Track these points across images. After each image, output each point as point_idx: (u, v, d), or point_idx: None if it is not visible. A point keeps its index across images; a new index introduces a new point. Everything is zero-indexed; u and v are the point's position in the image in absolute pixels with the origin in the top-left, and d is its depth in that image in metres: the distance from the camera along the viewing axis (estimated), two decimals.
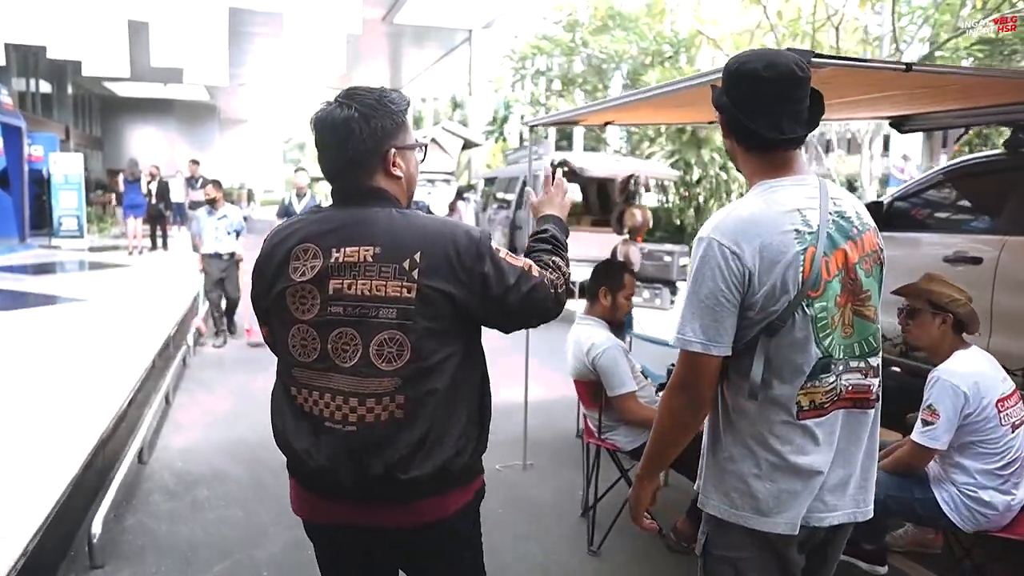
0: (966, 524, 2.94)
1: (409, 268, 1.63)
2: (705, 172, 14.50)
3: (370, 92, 1.73)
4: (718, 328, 1.66)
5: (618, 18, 17.52)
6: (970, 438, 2.91)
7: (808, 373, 1.67)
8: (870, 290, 1.73)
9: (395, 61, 30.29)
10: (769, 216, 1.66)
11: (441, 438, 1.67)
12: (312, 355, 1.68)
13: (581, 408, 3.83)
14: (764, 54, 1.72)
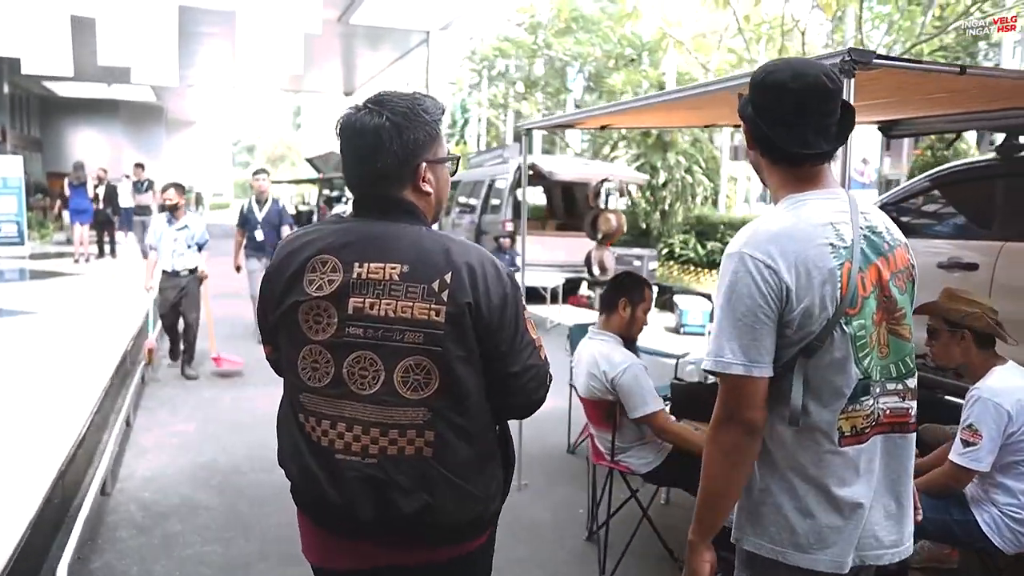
0: (1008, 546, 2.81)
1: (439, 290, 1.51)
2: (671, 175, 14.50)
3: (402, 99, 1.60)
4: (758, 347, 1.55)
5: (581, 20, 17.42)
6: (1013, 458, 2.79)
7: (849, 396, 1.57)
8: (904, 308, 1.65)
9: (349, 63, 29.79)
10: (802, 229, 1.57)
11: (473, 481, 1.56)
12: (324, 380, 1.55)
13: (590, 428, 3.60)
14: (792, 63, 1.63)
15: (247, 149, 63.76)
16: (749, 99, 1.68)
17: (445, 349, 1.50)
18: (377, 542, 1.58)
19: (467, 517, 1.57)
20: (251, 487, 4.49)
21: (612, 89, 16.43)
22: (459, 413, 1.54)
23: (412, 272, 1.52)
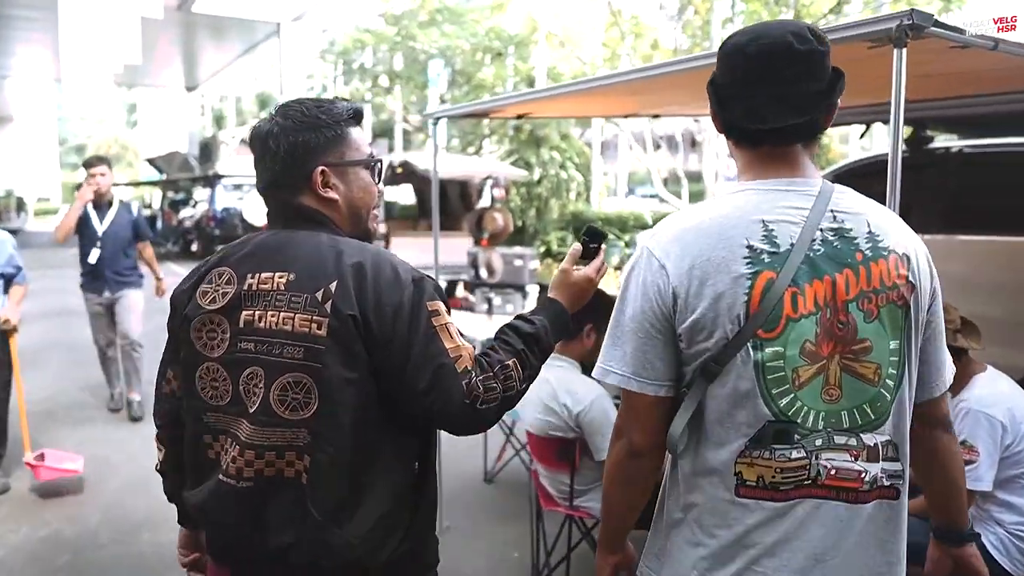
0: (1018, 568, 2.61)
1: (322, 299, 1.38)
2: (545, 171, 14.29)
3: (302, 104, 1.52)
4: (644, 359, 1.33)
5: (446, 12, 16.88)
6: (1013, 471, 2.59)
7: (752, 437, 1.27)
8: (870, 340, 1.28)
9: (191, 55, 27.79)
10: (718, 225, 1.30)
11: (345, 524, 1.38)
12: (225, 398, 1.45)
13: (538, 468, 3.09)
14: (762, 26, 1.34)
15: (75, 149, 58.47)
16: (716, 68, 1.38)
17: (325, 366, 1.36)
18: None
19: (333, 563, 1.38)
20: (114, 565, 3.65)
21: (482, 83, 16.05)
22: (332, 441, 1.37)
23: (297, 281, 1.41)
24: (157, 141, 38.95)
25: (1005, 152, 4.70)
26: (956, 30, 1.88)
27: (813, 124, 1.33)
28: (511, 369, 1.42)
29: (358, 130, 1.56)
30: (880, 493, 1.31)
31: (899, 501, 1.33)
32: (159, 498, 4.25)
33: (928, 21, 1.74)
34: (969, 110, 4.57)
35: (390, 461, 1.43)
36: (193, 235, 20.59)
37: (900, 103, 1.84)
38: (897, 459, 1.32)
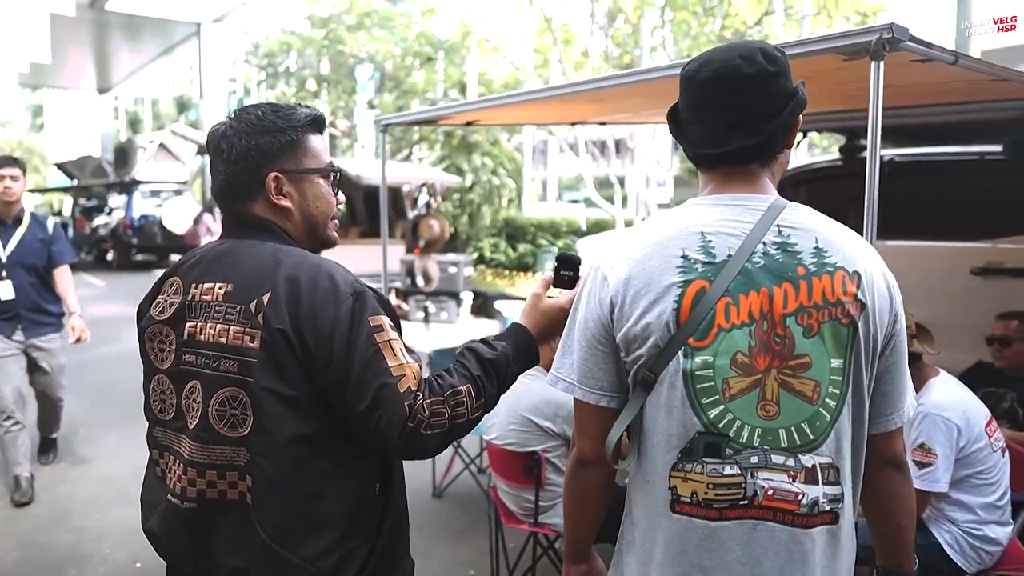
0: (971, 565, 2.69)
1: (255, 311, 1.32)
2: (477, 177, 14.22)
3: (259, 108, 1.46)
4: (588, 368, 1.34)
5: (375, 15, 16.63)
6: (966, 471, 2.66)
7: (682, 449, 1.27)
8: (809, 356, 1.26)
9: (103, 55, 26.62)
10: (657, 237, 1.32)
11: (297, 548, 1.30)
12: (170, 412, 1.42)
13: (499, 484, 3.01)
14: (715, 50, 1.37)
15: None
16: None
17: (256, 380, 1.30)
18: None
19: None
20: None
21: (413, 89, 15.87)
22: (270, 460, 1.30)
23: (235, 291, 1.36)
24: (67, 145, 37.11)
25: (931, 161, 4.91)
26: (926, 44, 1.91)
27: (767, 144, 1.34)
28: (463, 395, 1.35)
29: (317, 137, 1.50)
30: (822, 519, 1.27)
31: (838, 526, 1.29)
32: (84, 531, 4.01)
33: (904, 35, 1.76)
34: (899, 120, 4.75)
35: (343, 482, 1.36)
36: (109, 243, 19.67)
37: (878, 114, 1.86)
38: (838, 483, 1.28)
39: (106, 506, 4.33)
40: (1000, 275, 4.17)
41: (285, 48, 18.27)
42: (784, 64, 1.33)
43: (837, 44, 1.83)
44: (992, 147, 4.49)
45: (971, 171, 4.65)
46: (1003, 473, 2.70)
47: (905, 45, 1.79)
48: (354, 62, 17.50)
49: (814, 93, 2.82)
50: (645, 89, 2.73)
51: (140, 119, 35.57)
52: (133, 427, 5.78)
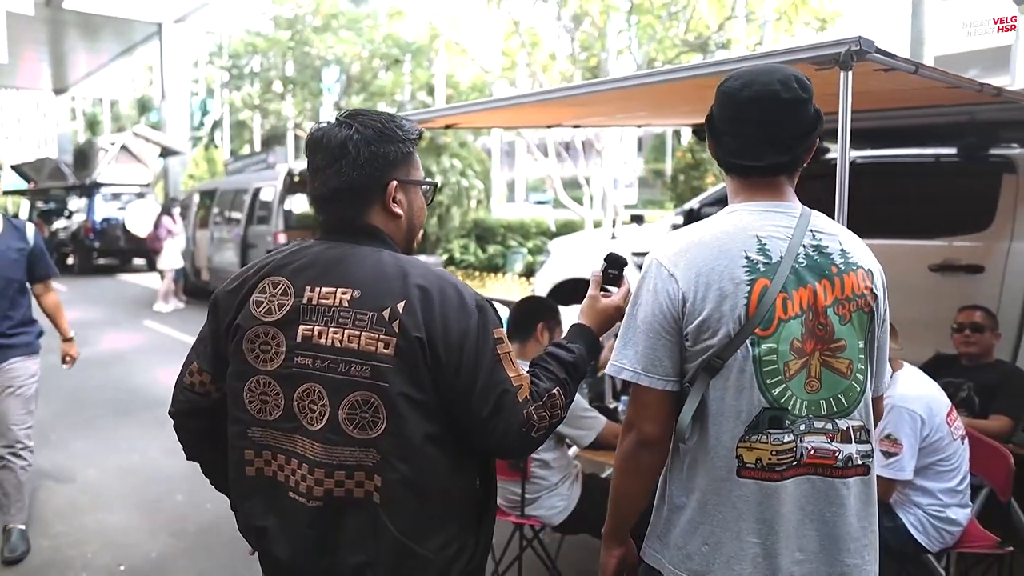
0: (934, 545, 2.85)
1: (389, 318, 1.38)
2: (446, 179, 14.25)
3: (377, 115, 1.53)
4: (654, 357, 1.50)
5: (341, 17, 16.55)
6: (930, 459, 2.82)
7: (749, 423, 1.46)
8: (844, 339, 1.51)
9: (59, 55, 26.10)
10: (719, 240, 1.50)
11: (424, 542, 1.40)
12: (275, 413, 1.45)
13: None
14: (755, 70, 1.54)
15: None
16: (713, 106, 1.59)
17: (391, 385, 1.37)
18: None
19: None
20: None
21: (380, 91, 15.83)
22: (403, 460, 1.38)
23: (363, 298, 1.41)
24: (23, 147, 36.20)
25: (891, 163, 5.10)
26: (889, 55, 2.03)
27: (796, 161, 1.54)
28: (557, 398, 1.49)
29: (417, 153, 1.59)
30: (856, 471, 1.51)
31: (870, 476, 1.54)
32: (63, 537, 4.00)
33: (871, 47, 1.88)
34: (861, 124, 4.94)
35: (457, 481, 1.47)
36: (69, 247, 19.29)
37: (847, 120, 1.97)
38: (868, 441, 1.53)
39: (83, 512, 4.31)
40: (956, 271, 4.35)
41: (250, 49, 18.09)
42: (812, 91, 1.51)
43: (809, 55, 1.96)
44: (947, 150, 4.69)
45: (928, 172, 4.84)
46: (963, 460, 2.85)
47: (871, 56, 1.92)
48: (320, 64, 17.41)
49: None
50: (618, 95, 2.83)
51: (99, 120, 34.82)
52: (103, 432, 5.78)
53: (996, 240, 4.26)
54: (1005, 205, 4.29)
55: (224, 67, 19.88)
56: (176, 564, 3.73)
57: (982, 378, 3.81)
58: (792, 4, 10.77)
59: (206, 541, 3.95)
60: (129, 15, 20.70)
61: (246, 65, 19.16)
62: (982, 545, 2.85)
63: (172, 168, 21.85)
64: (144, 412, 6.41)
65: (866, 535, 1.53)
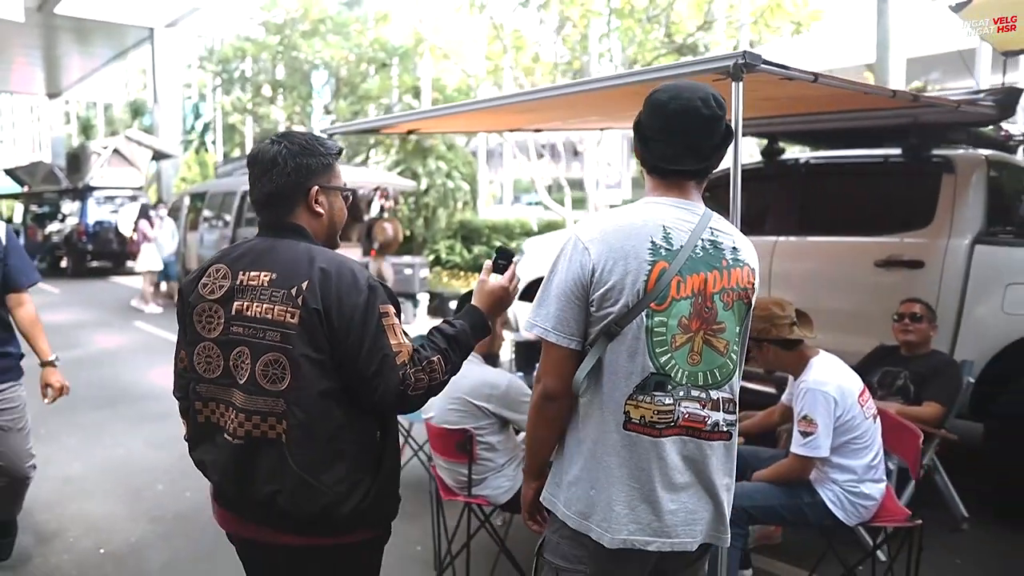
0: (851, 519, 3.03)
1: (295, 294, 1.72)
2: (432, 181, 14.46)
3: (303, 135, 1.89)
4: (563, 318, 1.73)
5: (330, 22, 16.75)
6: (844, 438, 3.01)
7: (638, 384, 1.70)
8: (725, 323, 1.77)
9: (53, 60, 26.23)
10: (631, 223, 1.74)
11: (319, 476, 1.71)
12: (216, 372, 1.80)
13: (436, 461, 3.30)
14: (680, 86, 1.78)
15: None
16: (642, 113, 1.81)
17: (295, 348, 1.69)
18: (245, 517, 1.83)
19: (311, 509, 1.71)
20: None
21: (367, 95, 16.03)
22: (302, 409, 1.70)
23: (279, 279, 1.74)
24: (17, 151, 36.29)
25: (842, 163, 5.32)
26: (781, 67, 2.25)
27: (708, 168, 1.81)
28: (436, 364, 1.77)
29: (338, 165, 1.94)
30: (720, 436, 1.78)
31: (731, 441, 1.82)
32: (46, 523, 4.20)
33: (757, 60, 2.10)
34: (812, 126, 5.16)
35: (354, 431, 1.76)
36: (63, 250, 19.45)
37: (739, 125, 2.19)
38: (734, 412, 1.81)
39: (67, 502, 4.50)
40: (898, 267, 4.57)
41: (239, 54, 18.26)
42: (725, 109, 1.77)
43: (707, 67, 2.18)
44: (894, 150, 4.91)
45: (876, 172, 5.06)
46: (875, 437, 3.05)
47: (761, 68, 2.14)
48: (309, 68, 17.59)
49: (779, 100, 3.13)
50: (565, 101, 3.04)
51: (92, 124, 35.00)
52: (90, 427, 5.98)
53: (936, 237, 4.48)
54: (944, 203, 4.51)
55: (214, 71, 20.02)
56: (154, 547, 3.94)
57: (918, 367, 4.03)
58: (768, 7, 11.00)
59: (184, 527, 4.16)
60: (121, 20, 20.83)
61: (236, 69, 19.31)
62: (895, 518, 3.05)
63: (165, 171, 22.00)
64: (130, 409, 6.61)
65: (729, 488, 1.83)
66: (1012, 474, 4.04)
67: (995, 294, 4.23)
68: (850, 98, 3.24)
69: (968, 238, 4.36)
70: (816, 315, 3.28)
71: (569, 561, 1.80)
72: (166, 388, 7.25)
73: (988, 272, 4.28)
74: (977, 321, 4.29)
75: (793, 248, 5.12)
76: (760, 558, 3.65)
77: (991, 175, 4.57)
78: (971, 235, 4.37)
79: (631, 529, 1.72)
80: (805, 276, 5.03)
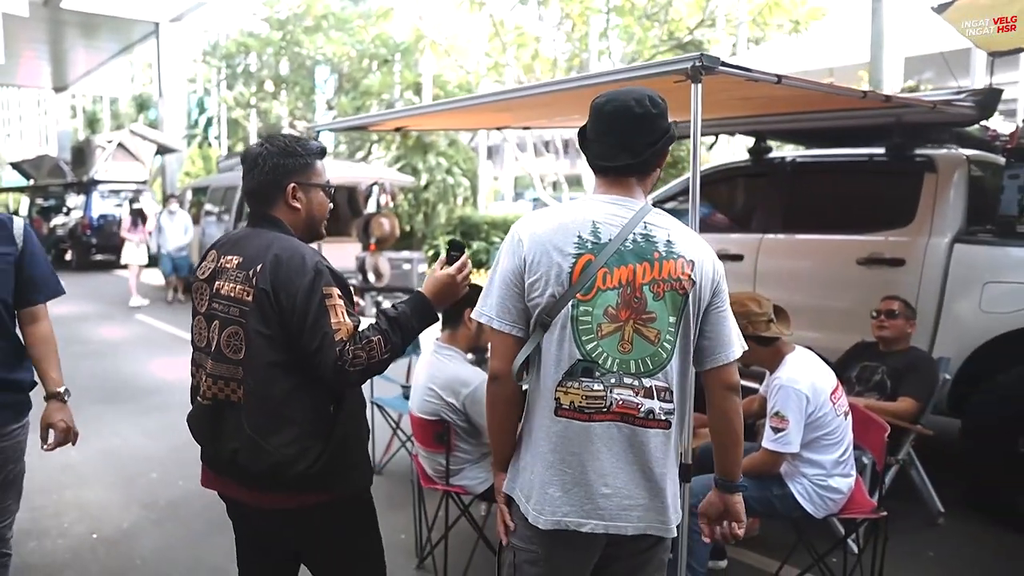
0: (819, 511, 3.10)
1: (251, 276, 1.93)
2: (432, 177, 14.53)
3: (285, 137, 2.10)
4: (503, 306, 1.83)
5: (332, 18, 16.83)
6: (815, 434, 3.07)
7: (566, 371, 1.78)
8: (655, 312, 1.81)
9: (59, 54, 26.35)
10: (560, 218, 1.84)
11: (267, 438, 1.89)
12: (203, 342, 2.04)
13: (418, 450, 3.39)
14: (619, 91, 1.87)
15: None
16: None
17: (248, 323, 1.91)
18: (217, 474, 2.06)
19: (261, 467, 1.90)
20: None
21: (369, 90, 16.11)
22: (254, 378, 1.91)
23: (243, 263, 1.97)
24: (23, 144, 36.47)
25: (827, 162, 5.38)
26: (743, 69, 2.32)
27: (645, 164, 1.87)
28: (374, 344, 1.90)
29: (321, 163, 2.12)
30: (657, 424, 1.82)
31: (671, 430, 1.85)
32: (42, 509, 4.29)
33: (716, 63, 2.17)
34: (799, 124, 5.22)
35: (304, 397, 1.93)
36: (67, 244, 19.61)
37: (698, 126, 2.26)
38: (671, 401, 1.83)
39: (63, 487, 4.62)
40: (880, 265, 4.63)
41: (243, 49, 18.35)
42: (664, 108, 1.84)
43: (666, 69, 2.26)
44: (878, 150, 4.96)
45: (860, 171, 5.12)
46: (845, 434, 3.12)
47: (720, 70, 2.21)
48: (311, 64, 17.68)
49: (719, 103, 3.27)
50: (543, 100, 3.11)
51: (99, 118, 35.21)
52: (89, 418, 6.08)
53: (917, 235, 4.53)
54: (925, 202, 4.57)
55: (216, 66, 20.12)
56: (146, 532, 4.04)
57: (895, 363, 4.09)
58: (766, 5, 11.03)
59: (175, 513, 4.26)
60: (127, 14, 20.94)
61: (239, 64, 19.40)
62: (862, 510, 3.13)
63: (169, 165, 22.13)
64: (129, 400, 6.73)
65: (664, 479, 1.85)
66: (985, 470, 4.11)
67: (973, 292, 4.28)
68: (832, 98, 3.30)
69: (948, 237, 4.42)
70: (800, 312, 3.33)
71: (524, 542, 1.89)
72: (165, 380, 7.46)
73: (967, 271, 4.34)
74: (956, 319, 4.35)
75: (778, 245, 5.18)
76: (735, 549, 3.73)
77: (972, 175, 4.63)
78: (951, 234, 4.42)
79: (564, 511, 1.79)
80: (789, 273, 5.09)
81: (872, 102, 3.20)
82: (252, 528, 2.16)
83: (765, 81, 2.46)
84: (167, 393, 6.98)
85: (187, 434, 2.12)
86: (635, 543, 1.87)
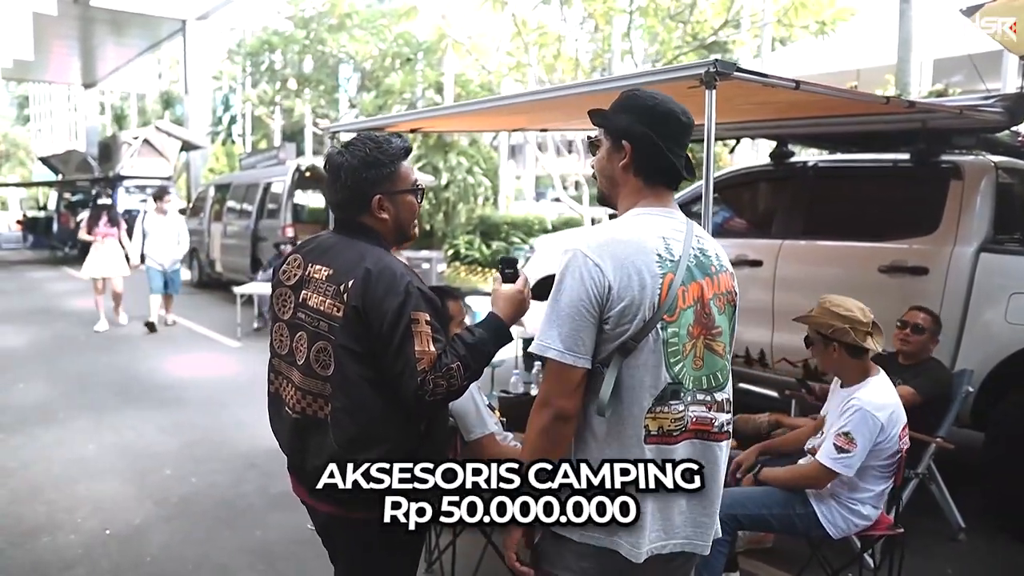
0: (837, 532, 3.00)
1: (342, 290, 1.88)
2: (453, 176, 14.53)
3: (365, 143, 1.98)
4: (577, 338, 1.68)
5: (356, 16, 16.89)
6: (872, 463, 2.94)
7: (657, 396, 1.70)
8: (721, 326, 1.80)
9: (88, 51, 26.72)
10: (636, 237, 1.73)
11: (357, 454, 1.80)
12: (284, 349, 2.01)
13: None
14: (665, 97, 1.81)
15: None
16: (638, 120, 1.77)
17: (337, 339, 1.87)
18: (300, 482, 2.02)
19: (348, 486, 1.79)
20: (10, 569, 3.71)
21: (390, 89, 16.15)
22: (344, 394, 1.88)
23: (334, 275, 1.92)
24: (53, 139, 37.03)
25: (850, 167, 5.28)
26: (759, 74, 2.26)
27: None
28: (455, 371, 1.87)
29: (406, 163, 2.04)
30: (725, 436, 1.82)
31: (729, 440, 1.85)
32: (56, 503, 4.32)
33: (731, 68, 2.12)
34: (823, 129, 5.13)
35: (392, 415, 1.89)
36: None
37: (711, 133, 2.21)
38: (731, 412, 1.84)
39: (77, 481, 4.64)
40: (903, 273, 4.52)
41: (267, 47, 18.48)
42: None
43: (680, 75, 2.20)
44: (903, 155, 4.86)
45: (884, 176, 5.01)
46: (898, 469, 2.98)
47: (735, 76, 2.16)
48: (335, 62, 17.75)
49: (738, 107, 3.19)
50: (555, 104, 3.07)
51: (126, 114, 35.68)
52: (105, 413, 6.14)
53: (941, 244, 4.42)
54: (951, 210, 4.45)
55: (241, 64, 20.28)
56: (157, 529, 4.05)
57: (912, 376, 3.95)
58: (792, 6, 10.88)
59: (187, 510, 4.27)
60: (154, 12, 21.20)
61: (263, 62, 19.55)
62: (879, 527, 3.03)
63: (193, 162, 22.36)
64: (145, 396, 6.77)
65: (719, 493, 1.84)
66: (1009, 484, 4.00)
67: (999, 303, 4.17)
68: (855, 102, 3.22)
69: (974, 246, 4.31)
70: None
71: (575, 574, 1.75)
72: (181, 376, 7.49)
73: (993, 281, 4.22)
74: (980, 330, 4.24)
75: (798, 251, 5.09)
76: (748, 562, 3.66)
77: (1000, 182, 4.51)
78: (977, 243, 4.31)
79: (652, 537, 1.72)
80: (808, 280, 4.99)
81: (896, 107, 3.11)
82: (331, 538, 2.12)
83: (782, 87, 2.40)
84: (181, 389, 7.02)
85: (201, 431, 2.12)
86: (673, 558, 1.79)
